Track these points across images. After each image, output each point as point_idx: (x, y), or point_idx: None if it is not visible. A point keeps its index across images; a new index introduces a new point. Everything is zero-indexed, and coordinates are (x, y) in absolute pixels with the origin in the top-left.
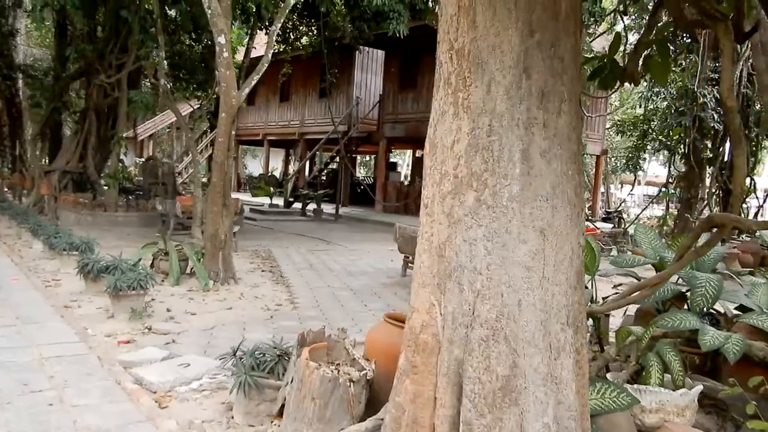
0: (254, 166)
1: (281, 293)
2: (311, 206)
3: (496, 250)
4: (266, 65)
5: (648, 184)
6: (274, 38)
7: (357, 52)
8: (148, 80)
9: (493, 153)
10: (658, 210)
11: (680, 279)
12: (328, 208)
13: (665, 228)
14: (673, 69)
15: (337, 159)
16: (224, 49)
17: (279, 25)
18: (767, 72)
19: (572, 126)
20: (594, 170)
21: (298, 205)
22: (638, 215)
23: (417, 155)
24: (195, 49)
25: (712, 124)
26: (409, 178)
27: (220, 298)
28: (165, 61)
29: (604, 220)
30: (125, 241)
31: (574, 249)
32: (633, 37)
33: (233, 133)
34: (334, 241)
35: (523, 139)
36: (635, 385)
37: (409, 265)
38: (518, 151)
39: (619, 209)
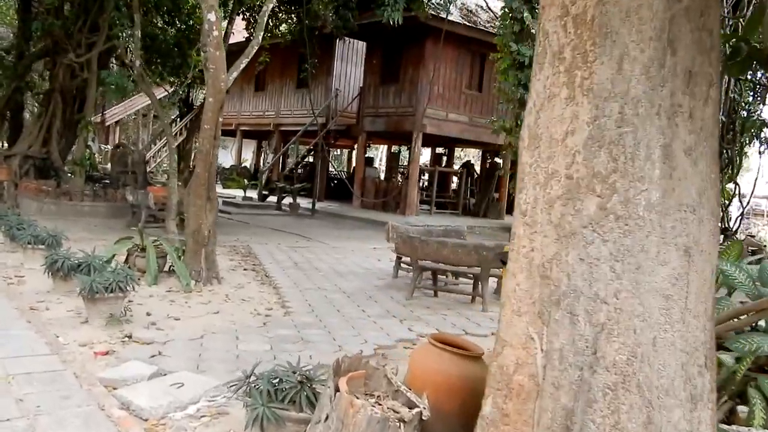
0: (224, 157)
1: (269, 295)
2: (287, 200)
3: (627, 273)
4: (256, 48)
5: None
6: (265, 19)
7: (338, 42)
8: (119, 62)
9: (625, 149)
10: None
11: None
12: (303, 203)
13: None
14: None
15: (315, 152)
16: (214, 28)
17: (271, 6)
18: None
19: (716, 118)
20: None
21: (272, 199)
22: None
23: (392, 150)
24: (168, 33)
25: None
26: (384, 174)
27: (204, 301)
28: (140, 42)
29: None
30: (93, 233)
31: (713, 272)
32: None
33: (220, 120)
34: (314, 238)
35: (664, 131)
36: (735, 427)
37: (402, 265)
38: (658, 147)
39: None
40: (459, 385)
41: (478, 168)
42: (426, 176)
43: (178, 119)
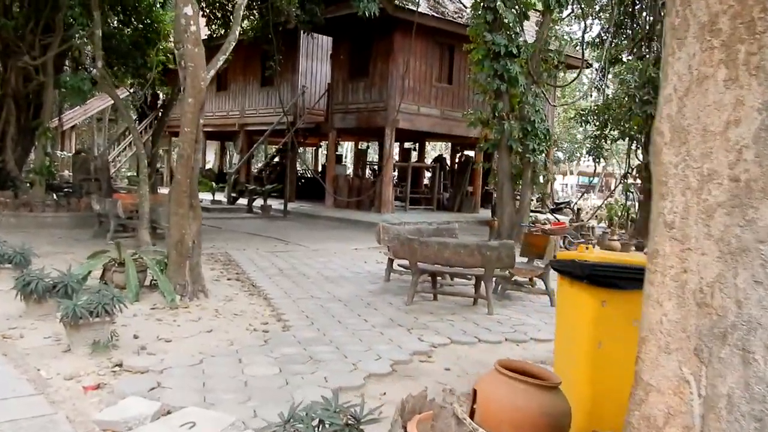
0: None
1: (262, 308)
2: (257, 202)
3: None
4: (233, 43)
5: (580, 174)
6: (241, 13)
7: (302, 38)
8: (73, 64)
9: None
10: (595, 199)
11: None
12: (274, 204)
13: (615, 219)
14: (633, 56)
15: (285, 152)
16: (191, 22)
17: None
18: None
19: None
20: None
21: (242, 201)
22: (598, 207)
23: (359, 147)
24: (124, 32)
25: None
26: (351, 171)
27: (194, 317)
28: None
29: (553, 211)
30: (59, 246)
31: None
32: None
33: (201, 122)
34: (292, 241)
35: None
36: None
37: (395, 267)
38: None
39: (568, 200)
40: (543, 424)
41: (450, 162)
42: (396, 172)
43: (137, 122)
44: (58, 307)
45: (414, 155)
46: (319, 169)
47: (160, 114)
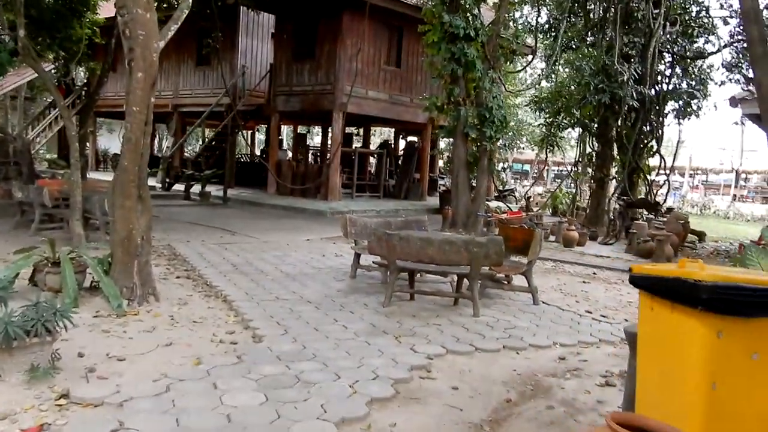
0: (110, 142)
1: (223, 312)
2: (195, 188)
3: None
4: (186, 11)
5: (515, 161)
6: None
7: (242, 15)
8: None
9: None
10: (533, 187)
11: None
12: (212, 190)
13: (560, 207)
14: (586, 45)
15: (225, 135)
16: None
17: None
18: (760, 42)
19: None
20: None
21: (177, 187)
22: (550, 195)
23: (299, 131)
24: (46, 1)
25: (630, 102)
26: (290, 156)
27: (147, 327)
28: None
29: (497, 198)
30: None
31: None
32: None
33: (152, 101)
34: (239, 231)
35: None
36: None
37: (373, 264)
38: None
39: (512, 188)
40: None
41: (395, 148)
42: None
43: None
44: None
45: (357, 140)
46: (257, 153)
47: (84, 92)
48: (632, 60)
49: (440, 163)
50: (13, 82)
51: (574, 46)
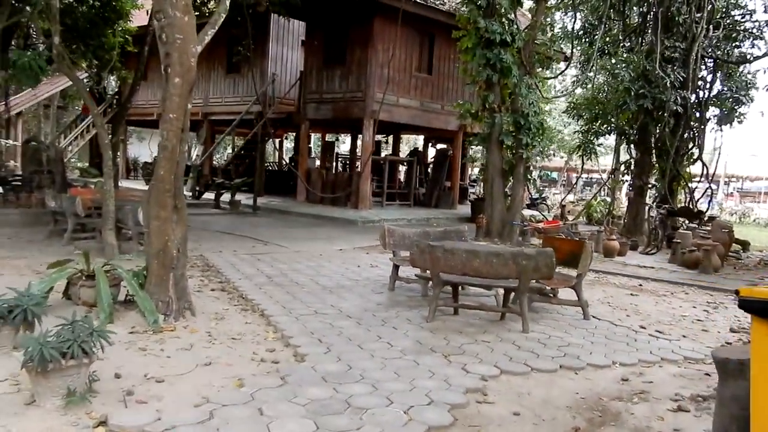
0: (140, 150)
1: (261, 328)
2: (225, 197)
3: None
4: (224, 15)
5: (543, 168)
6: None
7: (272, 22)
8: (22, 41)
9: None
10: (563, 195)
11: None
12: (242, 199)
13: (595, 215)
14: (624, 50)
15: (255, 143)
16: None
17: None
18: None
19: None
20: None
21: (208, 196)
22: (587, 204)
23: (327, 139)
24: (79, 10)
25: (674, 108)
26: (318, 165)
27: (185, 344)
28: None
29: (529, 206)
30: (8, 249)
31: None
32: None
33: (189, 107)
34: (271, 241)
35: None
36: None
37: (415, 276)
38: None
39: (544, 195)
40: None
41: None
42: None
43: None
44: (13, 338)
45: (385, 148)
46: (284, 162)
47: (116, 100)
48: (674, 64)
49: (470, 170)
50: (47, 91)
51: (609, 52)
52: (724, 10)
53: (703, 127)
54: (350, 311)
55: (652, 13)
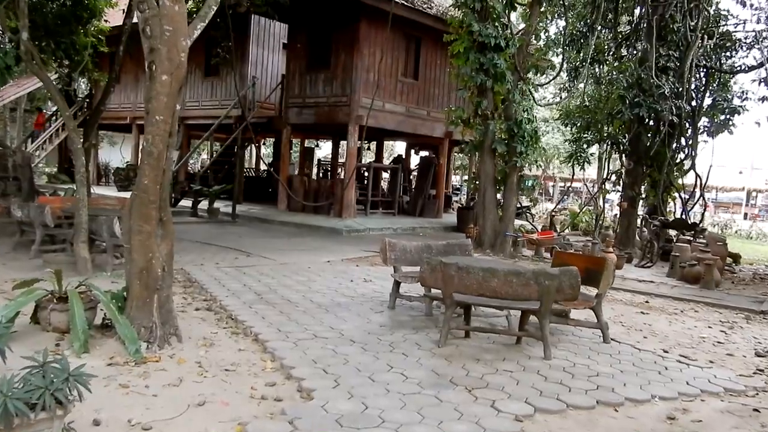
0: (111, 155)
1: (257, 356)
2: (202, 204)
3: None
4: (215, 8)
5: (524, 177)
6: None
7: (253, 24)
8: None
9: None
10: (548, 203)
11: None
12: (221, 206)
13: (582, 224)
14: (615, 58)
15: (234, 149)
16: None
17: None
18: None
19: None
20: None
21: (184, 203)
22: (576, 215)
23: (306, 144)
24: (48, 6)
25: (670, 117)
26: (297, 171)
27: (172, 379)
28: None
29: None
30: None
31: None
32: None
33: (178, 108)
34: (254, 252)
35: None
36: None
37: (400, 295)
38: None
39: (527, 205)
40: None
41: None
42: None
43: (58, 113)
44: None
45: (366, 155)
46: (262, 168)
47: (86, 103)
48: (669, 73)
49: (454, 178)
50: (13, 93)
51: (599, 60)
52: (716, 19)
53: (696, 137)
54: (352, 334)
55: (645, 21)
